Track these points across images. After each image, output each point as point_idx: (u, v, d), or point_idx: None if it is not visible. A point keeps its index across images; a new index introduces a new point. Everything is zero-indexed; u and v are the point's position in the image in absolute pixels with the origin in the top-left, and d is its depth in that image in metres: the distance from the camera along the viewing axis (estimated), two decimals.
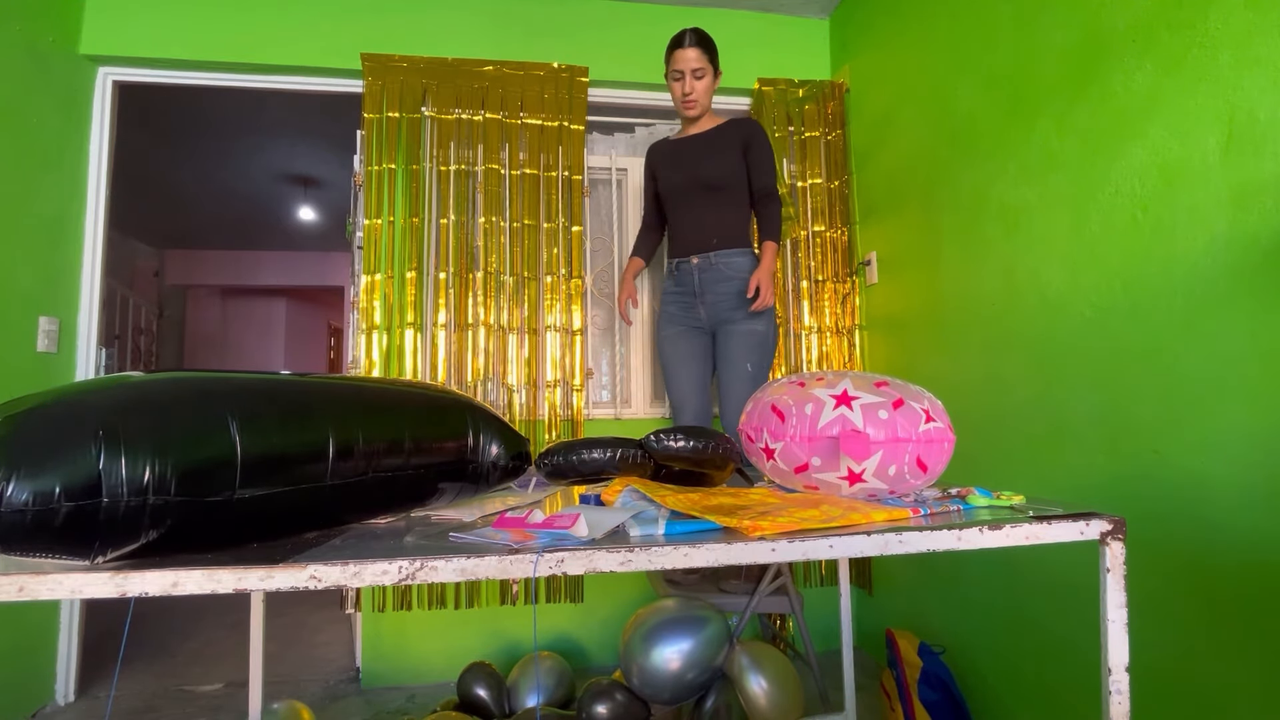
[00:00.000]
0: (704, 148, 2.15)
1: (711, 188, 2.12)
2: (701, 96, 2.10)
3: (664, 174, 2.21)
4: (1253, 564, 1.19)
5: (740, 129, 2.15)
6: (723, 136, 2.15)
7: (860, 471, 1.00)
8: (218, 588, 0.69)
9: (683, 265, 2.16)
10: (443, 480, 0.98)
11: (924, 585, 2.23)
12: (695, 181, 2.12)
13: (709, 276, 2.11)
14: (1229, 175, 1.23)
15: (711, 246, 2.12)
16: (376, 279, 2.41)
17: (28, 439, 0.63)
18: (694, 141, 2.17)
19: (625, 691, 1.63)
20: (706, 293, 2.12)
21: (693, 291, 2.14)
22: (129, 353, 5.68)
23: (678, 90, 2.10)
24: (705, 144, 2.16)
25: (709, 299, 2.12)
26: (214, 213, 5.73)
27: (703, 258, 2.12)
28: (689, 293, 2.15)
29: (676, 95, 2.11)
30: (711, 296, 2.11)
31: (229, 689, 2.41)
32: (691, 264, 2.13)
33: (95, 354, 2.44)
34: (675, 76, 2.09)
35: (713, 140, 2.15)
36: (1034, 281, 1.72)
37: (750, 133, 2.14)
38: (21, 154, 2.15)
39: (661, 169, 2.22)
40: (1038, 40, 1.70)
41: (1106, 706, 0.84)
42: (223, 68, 2.53)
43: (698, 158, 2.14)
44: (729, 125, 2.17)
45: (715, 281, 2.11)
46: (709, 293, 2.12)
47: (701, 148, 2.15)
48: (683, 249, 2.16)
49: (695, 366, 2.15)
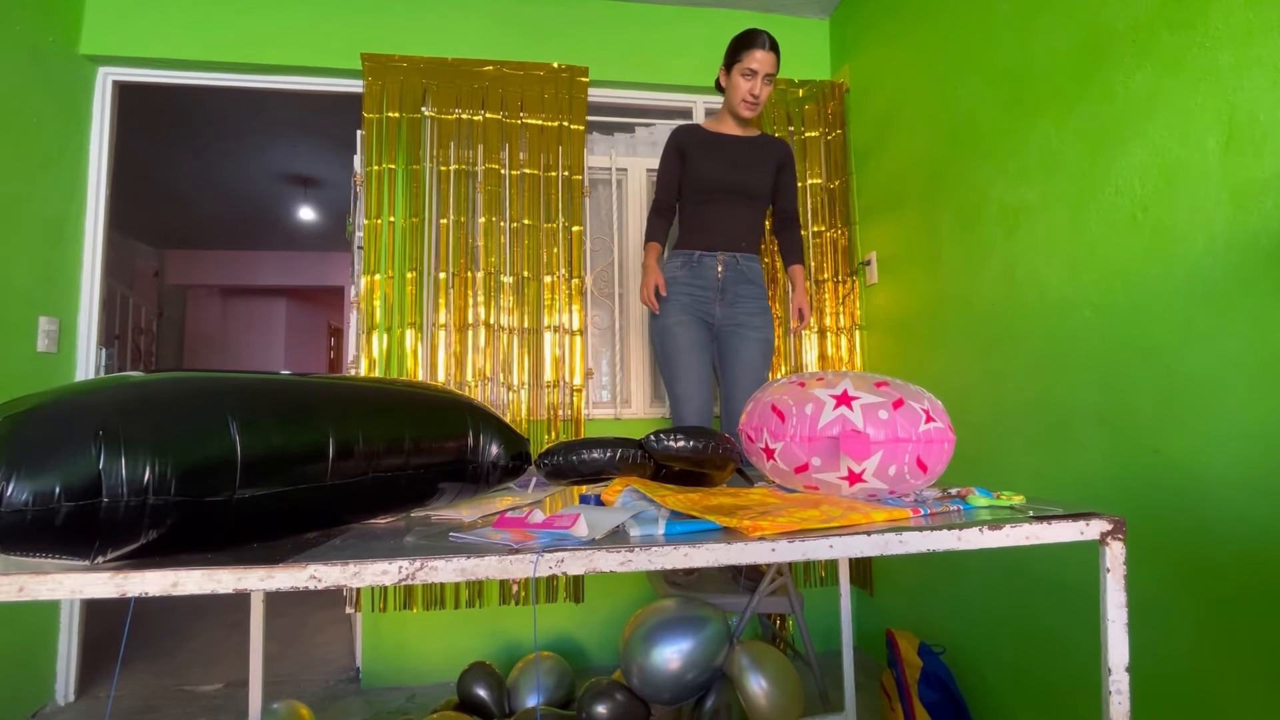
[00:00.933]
0: (750, 154, 2.17)
1: (752, 196, 2.16)
2: (764, 100, 2.11)
3: (703, 165, 2.14)
4: (1253, 564, 1.19)
5: (778, 148, 2.22)
6: (764, 149, 2.19)
7: (860, 471, 1.00)
8: (218, 588, 0.69)
9: (705, 259, 2.13)
10: (443, 480, 0.98)
11: (924, 585, 2.23)
12: (740, 186, 2.14)
13: (733, 275, 2.14)
14: (1229, 175, 1.23)
15: (740, 248, 2.16)
16: (376, 279, 2.41)
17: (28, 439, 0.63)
18: (739, 143, 2.18)
19: (625, 691, 1.63)
20: (728, 291, 2.14)
21: (713, 287, 2.13)
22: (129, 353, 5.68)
23: (744, 88, 2.07)
24: (751, 149, 2.17)
25: (729, 297, 2.14)
26: (214, 213, 5.73)
27: (729, 256, 2.14)
28: (708, 287, 2.13)
29: (741, 92, 2.08)
30: (732, 296, 2.14)
31: (229, 689, 2.41)
32: (717, 260, 2.13)
33: (95, 354, 2.44)
34: (745, 75, 2.06)
35: (757, 150, 2.18)
36: (1034, 281, 1.71)
37: (786, 156, 2.23)
38: (21, 154, 2.15)
39: (700, 158, 2.15)
40: (1038, 40, 1.70)
41: (1106, 706, 0.84)
42: (223, 68, 2.53)
43: (746, 164, 2.15)
44: (765, 139, 2.22)
45: (737, 282, 2.14)
46: (730, 292, 2.14)
47: (748, 152, 2.17)
48: (708, 243, 2.14)
49: (703, 359, 2.13)
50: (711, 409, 2.15)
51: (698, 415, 2.09)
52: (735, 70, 2.08)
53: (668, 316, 2.12)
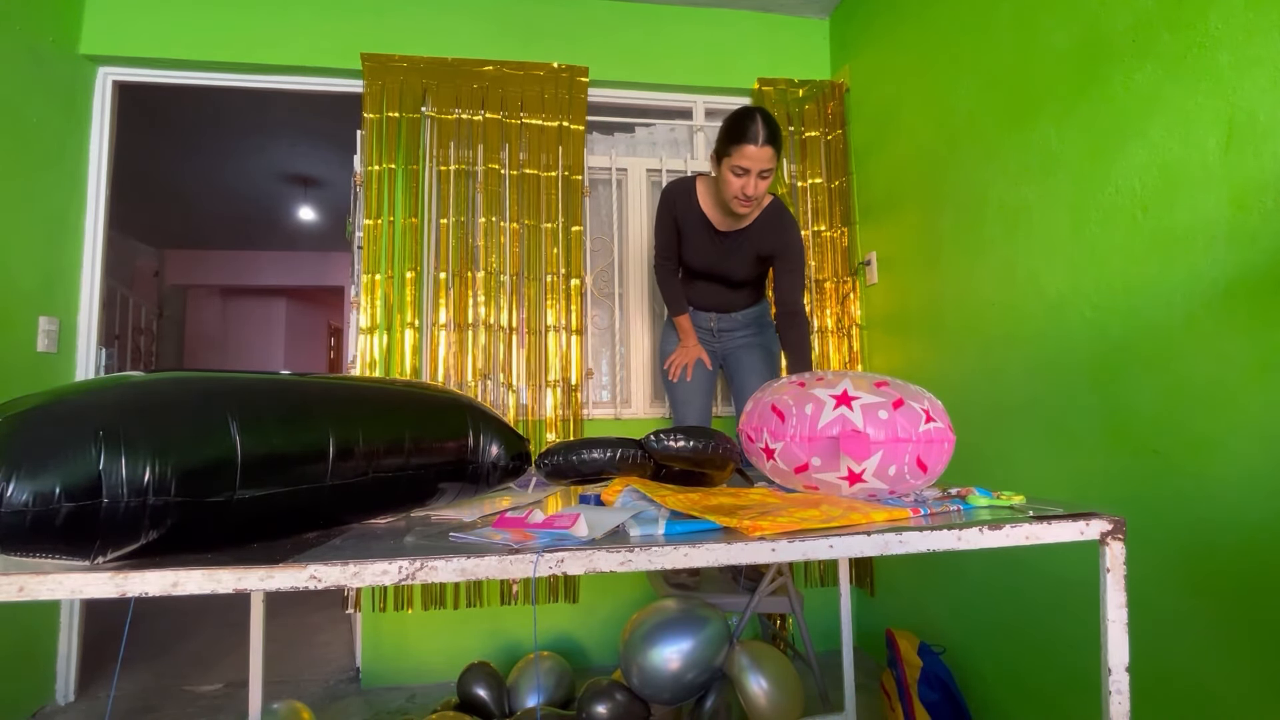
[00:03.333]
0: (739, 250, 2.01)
1: (744, 281, 2.11)
2: (761, 196, 1.85)
3: (689, 249, 2.05)
4: (1253, 563, 1.19)
5: (771, 240, 1.97)
6: (756, 237, 1.98)
7: (860, 471, 1.00)
8: (218, 588, 0.69)
9: (699, 314, 2.19)
10: (443, 480, 0.98)
11: (924, 585, 2.23)
12: (726, 276, 2.08)
13: (726, 325, 2.19)
14: (1229, 175, 1.23)
15: (735, 309, 2.18)
16: (376, 279, 2.41)
17: (28, 439, 0.63)
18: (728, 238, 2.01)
19: (625, 691, 1.63)
20: (722, 335, 2.20)
21: (710, 331, 2.20)
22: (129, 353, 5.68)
23: (736, 186, 1.81)
24: (738, 248, 2.00)
25: (724, 338, 2.20)
26: (214, 213, 5.73)
27: (722, 316, 2.18)
28: (704, 328, 2.20)
29: (733, 190, 1.82)
30: (727, 338, 2.20)
31: (229, 689, 2.41)
32: (710, 317, 2.18)
33: (95, 354, 2.44)
34: (737, 172, 1.79)
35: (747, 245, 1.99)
36: (1034, 281, 1.71)
37: (781, 246, 1.96)
38: (21, 154, 2.15)
39: (688, 240, 2.03)
40: (1038, 40, 1.70)
41: (1106, 706, 0.84)
42: (223, 68, 2.53)
43: (735, 258, 2.02)
44: (758, 228, 1.97)
45: (730, 329, 2.19)
46: (724, 334, 2.20)
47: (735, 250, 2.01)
48: (701, 306, 2.18)
49: (703, 370, 2.16)
50: (710, 414, 2.18)
51: (697, 420, 2.14)
52: (725, 165, 1.82)
53: (670, 344, 2.23)
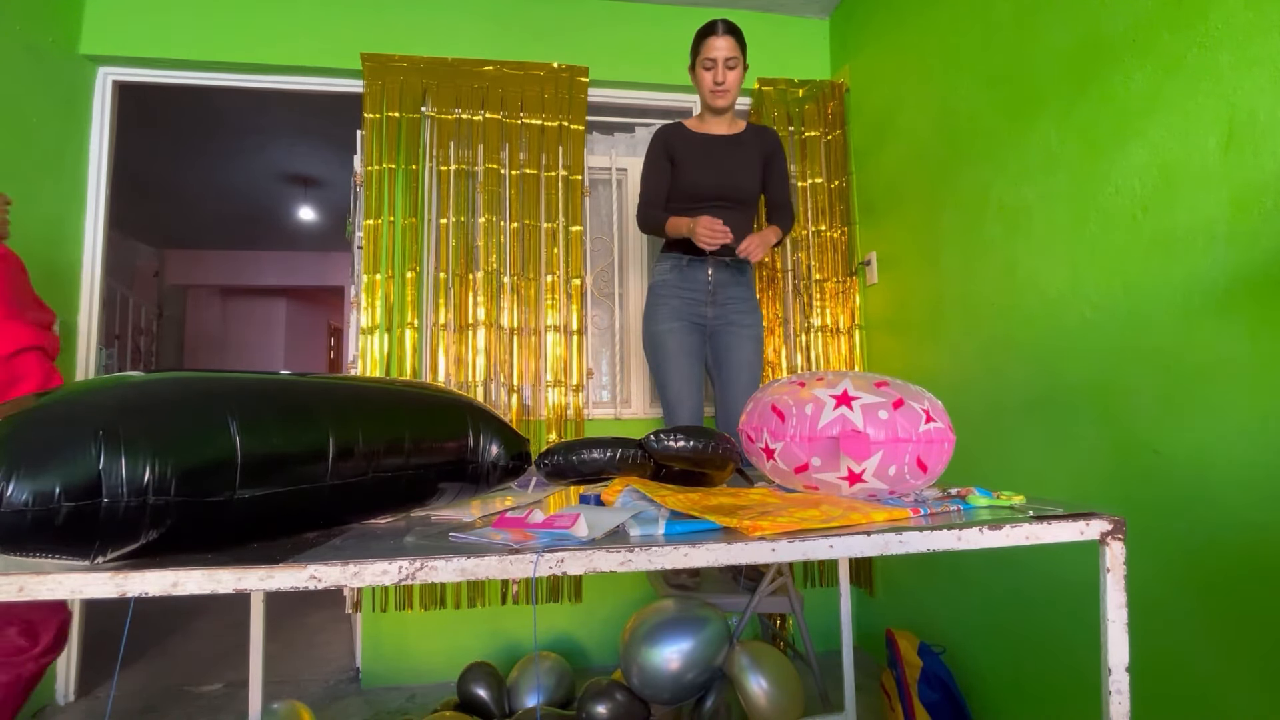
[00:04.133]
0: (734, 153, 2.12)
1: (743, 200, 2.13)
2: (733, 87, 2.06)
3: (691, 171, 2.11)
4: (1253, 563, 1.19)
5: (763, 140, 2.16)
6: (748, 145, 2.14)
7: (860, 472, 1.00)
8: (218, 588, 0.69)
9: (695, 264, 2.12)
10: (443, 480, 0.98)
11: (924, 585, 2.23)
12: (731, 191, 2.10)
13: (723, 279, 2.13)
14: (1229, 175, 1.23)
15: (731, 253, 2.12)
16: (376, 279, 2.41)
17: (28, 439, 0.63)
18: (722, 144, 2.13)
19: (625, 691, 1.63)
20: (719, 293, 2.13)
21: (704, 290, 2.13)
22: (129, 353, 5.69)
23: (708, 79, 2.05)
24: (734, 148, 2.12)
25: (720, 298, 2.14)
26: (214, 213, 5.73)
27: (719, 261, 2.12)
28: (698, 290, 2.12)
29: (706, 84, 2.06)
30: (723, 297, 2.13)
31: (229, 689, 2.41)
32: (707, 265, 2.12)
33: (95, 354, 2.44)
34: (706, 65, 2.04)
35: (741, 147, 2.13)
36: (1034, 281, 1.71)
37: (774, 145, 2.17)
38: (21, 154, 2.15)
39: (688, 164, 2.11)
40: (1038, 40, 1.70)
41: (1106, 706, 0.84)
42: (223, 68, 2.53)
43: (730, 166, 2.10)
44: (750, 134, 2.16)
45: (728, 285, 2.13)
46: (721, 294, 2.13)
47: (732, 151, 2.12)
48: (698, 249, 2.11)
49: (694, 364, 2.14)
50: (702, 413, 2.16)
51: (689, 420, 2.10)
52: (698, 64, 2.07)
53: (658, 323, 2.12)
